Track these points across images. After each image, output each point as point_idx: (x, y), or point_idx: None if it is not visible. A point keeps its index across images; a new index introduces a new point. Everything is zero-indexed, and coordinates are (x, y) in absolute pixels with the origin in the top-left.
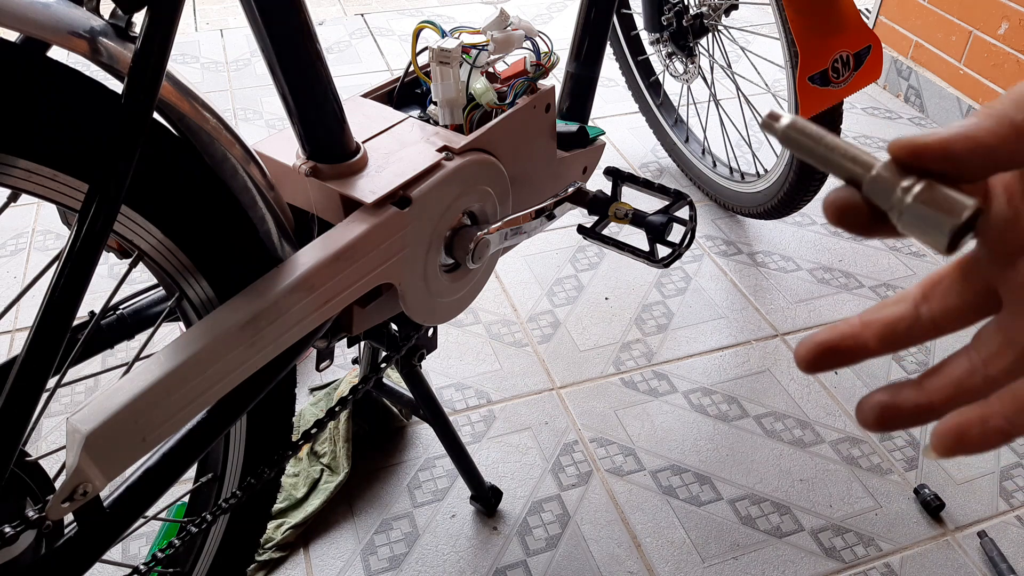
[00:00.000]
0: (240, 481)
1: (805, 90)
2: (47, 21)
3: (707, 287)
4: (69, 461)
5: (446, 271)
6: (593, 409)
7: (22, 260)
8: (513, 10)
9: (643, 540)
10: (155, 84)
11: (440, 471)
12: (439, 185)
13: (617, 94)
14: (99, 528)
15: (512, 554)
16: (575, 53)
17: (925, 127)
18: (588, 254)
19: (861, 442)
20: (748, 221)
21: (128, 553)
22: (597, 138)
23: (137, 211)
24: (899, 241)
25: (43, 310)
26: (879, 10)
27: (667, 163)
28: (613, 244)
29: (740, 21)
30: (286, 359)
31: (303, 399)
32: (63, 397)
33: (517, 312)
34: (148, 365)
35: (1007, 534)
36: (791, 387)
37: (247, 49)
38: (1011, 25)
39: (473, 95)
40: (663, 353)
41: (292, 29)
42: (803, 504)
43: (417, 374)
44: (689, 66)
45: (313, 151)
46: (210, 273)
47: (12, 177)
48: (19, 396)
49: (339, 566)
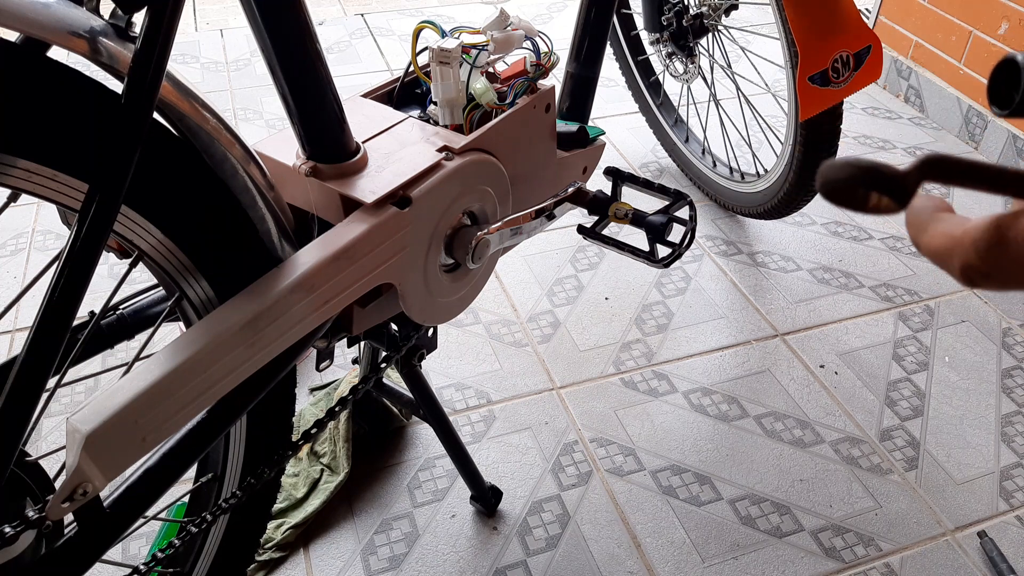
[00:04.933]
0: (240, 481)
1: (805, 90)
2: (47, 21)
3: (707, 287)
4: (69, 461)
5: (446, 271)
6: (593, 409)
7: (22, 260)
8: (513, 10)
9: (643, 540)
10: (155, 84)
11: (440, 471)
12: (439, 185)
13: (617, 94)
14: (99, 528)
15: (512, 554)
16: (575, 53)
17: (925, 127)
18: (588, 254)
19: (861, 442)
20: (748, 221)
21: (128, 553)
22: (597, 138)
23: (137, 211)
24: (899, 241)
25: (43, 310)
26: (879, 10)
27: (667, 163)
28: (613, 244)
29: (740, 21)
30: (286, 359)
31: (303, 399)
32: (63, 397)
33: (517, 312)
34: (148, 365)
35: (1007, 534)
36: (791, 387)
37: (247, 49)
38: (1011, 25)
39: (473, 95)
40: (663, 353)
41: (292, 29)
42: (803, 504)
43: (417, 374)
44: (689, 66)
45: (313, 151)
46: (210, 273)
47: (12, 177)
48: (19, 396)
49: (339, 566)
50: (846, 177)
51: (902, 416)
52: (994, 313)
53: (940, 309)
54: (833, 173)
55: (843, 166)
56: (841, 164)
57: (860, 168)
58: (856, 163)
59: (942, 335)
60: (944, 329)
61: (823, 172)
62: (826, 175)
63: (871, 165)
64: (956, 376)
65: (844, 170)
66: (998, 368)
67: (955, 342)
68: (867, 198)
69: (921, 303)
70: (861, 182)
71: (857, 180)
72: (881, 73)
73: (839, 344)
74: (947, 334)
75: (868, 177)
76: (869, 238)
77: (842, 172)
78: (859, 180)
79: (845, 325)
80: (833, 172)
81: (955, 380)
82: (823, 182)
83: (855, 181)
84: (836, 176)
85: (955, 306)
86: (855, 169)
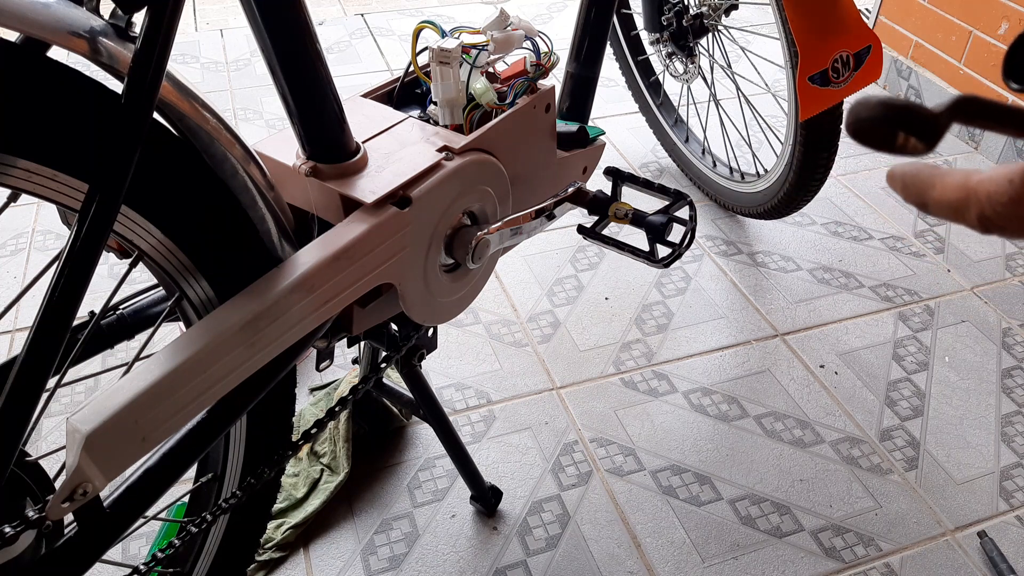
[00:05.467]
0: (240, 481)
1: (805, 90)
2: (47, 21)
3: (707, 287)
4: (69, 461)
5: (446, 271)
6: (593, 409)
7: (22, 260)
8: (513, 10)
9: (643, 540)
10: (155, 84)
11: (440, 471)
12: (439, 185)
13: (617, 94)
14: (99, 528)
15: (512, 554)
16: (575, 53)
17: None
18: (588, 254)
19: (861, 442)
20: (748, 221)
21: (128, 553)
22: (597, 138)
23: (137, 211)
24: (899, 241)
25: (43, 310)
26: (879, 10)
27: (667, 163)
28: (613, 244)
29: (740, 21)
30: (286, 359)
31: (303, 399)
32: (63, 397)
33: (517, 312)
34: (148, 365)
35: (1007, 534)
36: (791, 387)
37: (247, 49)
38: (1011, 25)
39: (473, 95)
40: (663, 353)
41: (292, 29)
42: (803, 504)
43: (417, 374)
44: (689, 66)
45: (313, 151)
46: (210, 273)
47: (12, 177)
48: (19, 396)
49: (339, 566)
50: (876, 116)
51: (902, 416)
52: (994, 313)
53: (940, 309)
54: (864, 112)
55: (874, 105)
56: (872, 103)
57: (891, 107)
58: (887, 101)
59: (942, 335)
60: (944, 329)
61: (853, 111)
62: (856, 113)
63: (903, 104)
64: (956, 376)
65: (875, 109)
66: (998, 368)
67: (955, 342)
68: (895, 137)
69: (921, 303)
70: (891, 122)
71: (887, 119)
72: (881, 73)
73: (839, 344)
74: (947, 334)
75: (899, 116)
76: (869, 238)
77: (873, 111)
78: (889, 119)
79: (845, 325)
80: (863, 111)
81: (955, 380)
82: (852, 120)
83: (884, 121)
84: (866, 115)
85: (955, 306)
86: (885, 108)
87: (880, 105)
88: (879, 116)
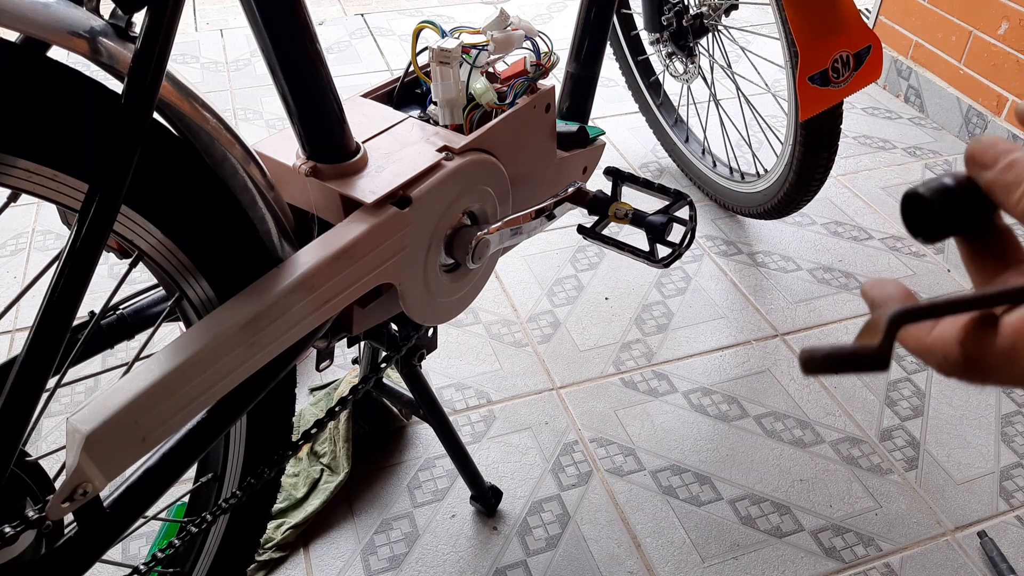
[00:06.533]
0: (240, 481)
1: (805, 90)
2: (47, 21)
3: (707, 287)
4: (69, 461)
5: (446, 271)
6: (593, 409)
7: (22, 260)
8: (513, 10)
9: (643, 540)
10: (155, 84)
11: (440, 471)
12: (439, 185)
13: (617, 94)
14: (99, 528)
15: (512, 554)
16: (575, 53)
17: (925, 127)
18: (588, 254)
19: (861, 442)
20: (748, 221)
21: (128, 553)
22: (597, 138)
23: (137, 211)
24: (899, 241)
25: (43, 310)
26: (879, 10)
27: (667, 163)
28: (613, 244)
29: (740, 21)
30: (286, 359)
31: (303, 399)
32: (63, 397)
33: (517, 312)
34: (148, 365)
35: (1007, 534)
36: (791, 387)
37: (247, 49)
38: (1011, 25)
39: (473, 95)
40: (663, 353)
41: (292, 29)
42: (803, 504)
43: (417, 374)
44: (689, 66)
45: (313, 151)
46: (210, 273)
47: (12, 177)
48: (19, 396)
49: (339, 566)
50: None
51: (902, 416)
52: None
53: None
54: (813, 365)
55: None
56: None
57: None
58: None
59: None
60: None
61: (803, 360)
62: (807, 365)
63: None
64: None
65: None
66: None
67: None
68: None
69: None
70: (840, 369)
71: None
72: (881, 73)
73: None
74: None
75: (846, 364)
76: (869, 238)
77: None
78: (839, 369)
79: (845, 325)
80: (813, 364)
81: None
82: (805, 371)
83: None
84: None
85: None
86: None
87: (826, 359)
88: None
